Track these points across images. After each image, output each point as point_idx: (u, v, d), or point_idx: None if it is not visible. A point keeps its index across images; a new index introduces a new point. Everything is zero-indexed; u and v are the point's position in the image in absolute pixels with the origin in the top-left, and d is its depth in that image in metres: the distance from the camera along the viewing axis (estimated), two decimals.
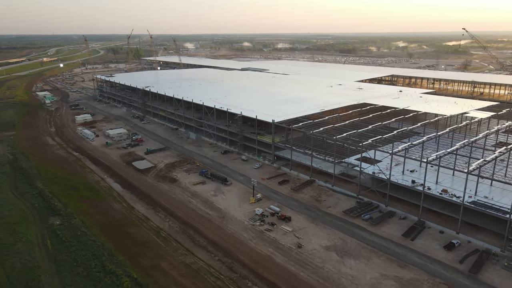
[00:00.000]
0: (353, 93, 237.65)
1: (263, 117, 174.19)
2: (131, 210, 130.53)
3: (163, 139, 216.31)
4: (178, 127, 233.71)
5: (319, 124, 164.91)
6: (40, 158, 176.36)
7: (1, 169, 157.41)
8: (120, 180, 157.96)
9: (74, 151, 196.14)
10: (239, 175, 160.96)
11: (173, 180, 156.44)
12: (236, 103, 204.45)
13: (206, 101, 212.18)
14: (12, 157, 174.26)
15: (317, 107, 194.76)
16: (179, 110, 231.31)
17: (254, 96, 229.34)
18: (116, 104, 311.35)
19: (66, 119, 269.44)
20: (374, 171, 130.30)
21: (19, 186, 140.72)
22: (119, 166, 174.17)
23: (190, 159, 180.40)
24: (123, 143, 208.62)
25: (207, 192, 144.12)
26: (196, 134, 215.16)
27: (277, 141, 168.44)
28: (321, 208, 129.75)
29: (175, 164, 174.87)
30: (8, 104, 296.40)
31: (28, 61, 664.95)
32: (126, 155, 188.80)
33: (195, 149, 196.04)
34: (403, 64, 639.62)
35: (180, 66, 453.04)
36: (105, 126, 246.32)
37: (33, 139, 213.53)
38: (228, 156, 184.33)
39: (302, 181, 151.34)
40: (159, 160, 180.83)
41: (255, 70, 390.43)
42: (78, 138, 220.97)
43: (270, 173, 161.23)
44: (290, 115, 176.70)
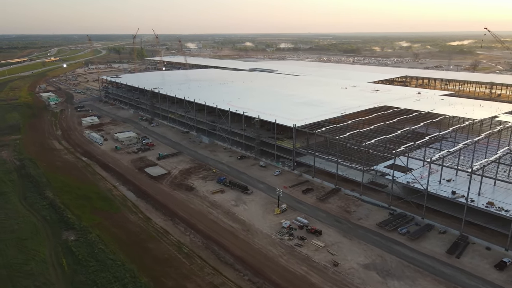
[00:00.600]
0: (370, 95, 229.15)
1: (282, 121, 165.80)
2: (148, 222, 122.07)
3: (175, 143, 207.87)
4: (189, 131, 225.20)
5: (343, 129, 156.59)
6: (48, 164, 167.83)
7: (8, 176, 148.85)
8: (133, 188, 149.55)
9: (82, 156, 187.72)
10: (259, 182, 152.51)
11: (190, 188, 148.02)
12: (251, 106, 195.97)
13: (219, 103, 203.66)
14: (19, 163, 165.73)
15: (337, 110, 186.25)
16: (190, 112, 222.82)
17: (269, 99, 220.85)
18: (123, 106, 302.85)
19: (72, 121, 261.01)
20: (409, 181, 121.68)
21: (28, 196, 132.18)
22: (131, 173, 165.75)
23: (205, 165, 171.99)
24: (133, 147, 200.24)
25: (227, 202, 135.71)
26: (209, 138, 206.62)
27: (297, 147, 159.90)
28: (351, 220, 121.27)
29: (190, 170, 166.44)
30: (12, 106, 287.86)
31: (30, 61, 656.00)
32: (137, 161, 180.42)
33: (209, 154, 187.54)
34: (410, 64, 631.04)
35: (185, 67, 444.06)
36: (113, 129, 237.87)
37: (40, 143, 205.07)
38: (245, 162, 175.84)
39: (327, 190, 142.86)
40: (172, 166, 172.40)
41: (263, 71, 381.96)
42: (86, 142, 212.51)
43: (292, 181, 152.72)
44: (310, 119, 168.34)
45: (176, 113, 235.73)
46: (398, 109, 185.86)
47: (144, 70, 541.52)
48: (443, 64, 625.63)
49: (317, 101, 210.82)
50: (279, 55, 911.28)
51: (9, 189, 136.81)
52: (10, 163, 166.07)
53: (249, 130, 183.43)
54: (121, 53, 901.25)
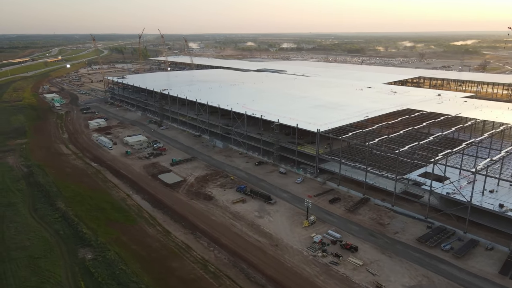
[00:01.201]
0: (389, 97, 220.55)
1: (304, 126, 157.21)
2: (168, 236, 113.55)
3: (187, 147, 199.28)
4: (201, 134, 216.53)
5: (369, 134, 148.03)
6: (57, 171, 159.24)
7: (16, 185, 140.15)
8: (148, 197, 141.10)
9: (92, 162, 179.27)
10: (281, 191, 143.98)
11: (209, 197, 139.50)
12: (266, 109, 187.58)
13: (233, 106, 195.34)
14: (27, 170, 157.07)
15: (358, 113, 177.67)
16: (201, 115, 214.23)
17: (284, 101, 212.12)
18: (130, 108, 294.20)
19: (79, 124, 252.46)
20: (449, 192, 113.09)
21: (39, 207, 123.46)
22: (144, 180, 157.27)
23: (222, 172, 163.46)
24: (144, 152, 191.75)
25: (250, 213, 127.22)
26: (223, 142, 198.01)
27: (320, 153, 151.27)
28: (387, 234, 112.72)
29: (206, 177, 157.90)
30: (16, 108, 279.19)
31: (32, 61, 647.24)
32: (149, 167, 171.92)
33: (224, 160, 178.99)
34: (417, 64, 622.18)
35: (191, 67, 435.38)
36: (122, 132, 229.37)
37: (47, 147, 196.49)
38: (263, 168, 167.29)
39: (355, 200, 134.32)
40: (187, 172, 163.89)
41: (272, 71, 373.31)
42: (94, 146, 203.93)
43: (316, 189, 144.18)
44: (333, 123, 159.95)
45: (187, 115, 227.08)
46: (423, 112, 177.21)
47: (148, 70, 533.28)
48: (451, 64, 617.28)
49: (335, 103, 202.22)
50: (283, 55, 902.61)
51: (17, 199, 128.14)
52: (17, 170, 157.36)
53: (267, 135, 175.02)
54: (125, 53, 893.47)
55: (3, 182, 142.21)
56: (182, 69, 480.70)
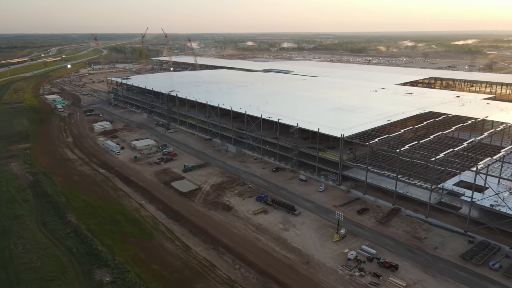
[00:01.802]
0: (407, 99, 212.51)
1: (326, 130, 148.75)
2: (188, 252, 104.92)
3: (198, 152, 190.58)
4: (211, 138, 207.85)
5: (396, 139, 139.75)
6: (64, 178, 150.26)
7: (22, 195, 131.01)
8: (162, 207, 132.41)
9: (99, 168, 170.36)
10: (303, 200, 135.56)
11: (227, 207, 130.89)
12: (282, 112, 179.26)
13: (245, 108, 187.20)
14: (33, 178, 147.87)
15: (379, 117, 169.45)
16: (212, 118, 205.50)
17: (299, 103, 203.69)
18: (135, 110, 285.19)
19: (83, 127, 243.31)
20: (492, 204, 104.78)
21: (48, 221, 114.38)
22: (156, 188, 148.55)
23: (239, 179, 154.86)
24: (154, 157, 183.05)
25: (274, 225, 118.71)
26: (236, 146, 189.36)
27: (344, 159, 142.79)
28: (426, 249, 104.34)
29: (222, 185, 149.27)
30: (17, 110, 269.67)
31: (31, 61, 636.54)
32: (161, 173, 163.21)
33: (239, 165, 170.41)
34: (422, 64, 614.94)
35: (195, 67, 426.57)
36: (128, 135, 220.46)
37: (51, 152, 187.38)
38: (282, 175, 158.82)
39: (384, 210, 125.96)
40: (202, 179, 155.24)
41: (279, 72, 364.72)
42: (100, 150, 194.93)
43: (341, 198, 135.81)
44: (355, 127, 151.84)
45: (197, 118, 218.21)
46: (447, 115, 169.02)
47: (150, 70, 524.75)
48: (456, 64, 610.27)
49: (353, 106, 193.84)
50: (284, 54, 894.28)
51: (24, 211, 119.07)
52: (22, 178, 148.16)
53: (283, 139, 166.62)
54: (122, 53, 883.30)
55: (8, 191, 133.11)
56: (185, 69, 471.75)
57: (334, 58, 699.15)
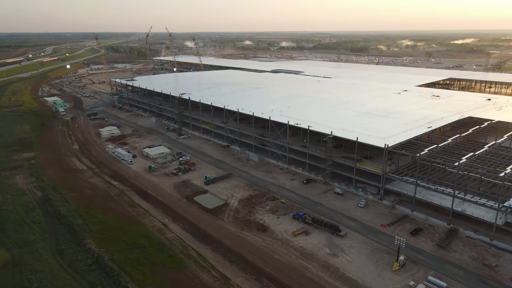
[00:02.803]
0: (436, 103, 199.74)
1: (365, 139, 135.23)
2: (228, 285, 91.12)
3: (217, 161, 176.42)
4: (229, 145, 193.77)
5: (447, 150, 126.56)
6: (76, 194, 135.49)
7: (32, 216, 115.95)
8: (188, 227, 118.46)
9: (112, 179, 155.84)
10: (345, 217, 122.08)
11: (262, 227, 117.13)
12: (309, 117, 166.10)
13: (267, 112, 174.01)
14: (41, 194, 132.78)
15: (417, 123, 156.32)
16: (229, 123, 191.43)
17: (323, 108, 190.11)
18: (142, 113, 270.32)
19: (88, 132, 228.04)
20: None
21: (65, 248, 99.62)
22: (178, 203, 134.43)
23: (268, 193, 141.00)
24: (170, 167, 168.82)
25: (319, 249, 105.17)
26: (258, 155, 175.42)
27: (387, 171, 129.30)
28: (502, 280, 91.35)
29: (251, 200, 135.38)
30: (17, 114, 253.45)
31: (27, 61, 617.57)
32: (180, 186, 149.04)
33: (265, 177, 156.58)
34: (427, 64, 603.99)
35: (199, 68, 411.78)
36: (138, 142, 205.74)
37: (58, 162, 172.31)
38: (314, 187, 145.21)
39: (439, 230, 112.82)
40: (227, 193, 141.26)
41: (288, 73, 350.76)
42: (110, 159, 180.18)
43: (387, 216, 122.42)
44: (396, 136, 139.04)
45: (212, 123, 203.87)
46: (491, 121, 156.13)
47: (151, 71, 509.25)
48: (462, 64, 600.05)
49: (383, 110, 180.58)
50: (285, 54, 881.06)
51: (36, 236, 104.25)
52: (29, 193, 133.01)
53: (313, 148, 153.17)
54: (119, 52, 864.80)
55: (16, 211, 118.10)
56: (188, 70, 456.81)
57: (340, 58, 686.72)
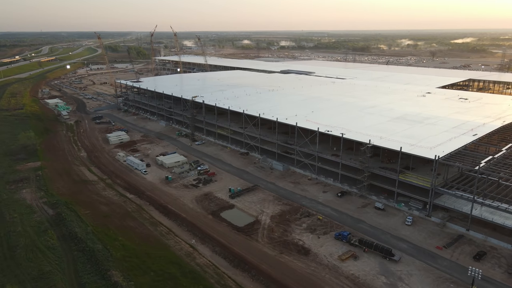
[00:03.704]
0: (468, 106, 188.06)
1: (409, 149, 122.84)
2: None
3: (238, 170, 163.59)
4: (248, 152, 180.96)
5: (503, 161, 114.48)
6: (91, 211, 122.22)
7: (45, 239, 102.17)
8: (220, 249, 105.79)
9: (127, 192, 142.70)
10: (393, 238, 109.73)
11: (303, 249, 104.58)
12: (337, 123, 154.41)
13: (291, 118, 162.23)
14: (53, 211, 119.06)
15: (459, 130, 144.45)
16: (249, 129, 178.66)
17: (351, 113, 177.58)
18: (149, 116, 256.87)
19: (95, 137, 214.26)
20: None
21: (87, 282, 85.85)
22: (204, 220, 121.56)
23: (301, 207, 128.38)
24: (189, 177, 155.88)
25: (373, 278, 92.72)
26: (282, 163, 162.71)
27: (436, 185, 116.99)
28: None
29: (285, 216, 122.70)
30: (18, 118, 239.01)
31: (24, 61, 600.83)
32: (203, 199, 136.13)
33: (294, 188, 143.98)
34: (433, 63, 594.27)
35: (205, 68, 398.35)
36: (150, 149, 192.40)
37: (66, 172, 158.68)
38: (350, 201, 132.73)
39: (503, 253, 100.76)
40: (256, 208, 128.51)
41: (299, 73, 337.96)
42: (122, 168, 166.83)
43: (440, 236, 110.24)
44: (441, 145, 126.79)
45: (230, 129, 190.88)
46: None
47: (152, 71, 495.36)
48: (469, 64, 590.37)
49: (415, 115, 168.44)
50: (286, 53, 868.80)
51: (52, 265, 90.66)
52: (39, 211, 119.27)
53: (346, 157, 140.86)
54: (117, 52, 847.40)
55: (25, 234, 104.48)
56: (191, 70, 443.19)
57: (347, 58, 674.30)
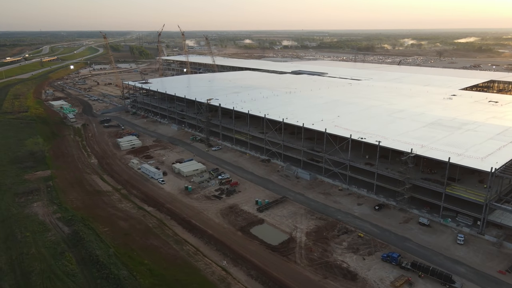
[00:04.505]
0: (503, 110, 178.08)
1: (457, 159, 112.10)
2: None
3: (261, 179, 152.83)
4: (270, 158, 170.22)
5: None
6: (110, 228, 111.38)
7: (62, 264, 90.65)
8: (256, 272, 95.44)
9: (145, 204, 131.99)
10: (448, 260, 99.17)
11: (349, 273, 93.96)
12: (368, 129, 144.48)
13: (317, 123, 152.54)
14: (69, 229, 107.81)
15: (503, 137, 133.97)
16: (271, 134, 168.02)
17: (380, 117, 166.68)
18: (159, 119, 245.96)
19: (105, 142, 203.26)
20: None
21: None
22: (233, 238, 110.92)
23: (337, 222, 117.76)
24: (210, 187, 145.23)
25: None
26: (309, 172, 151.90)
27: (491, 199, 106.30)
28: None
29: (321, 233, 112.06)
30: (24, 121, 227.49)
31: (25, 61, 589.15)
32: (229, 213, 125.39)
33: (325, 200, 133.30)
34: (443, 63, 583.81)
35: (213, 69, 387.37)
36: (165, 155, 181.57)
37: (78, 182, 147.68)
38: (389, 215, 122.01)
39: None
40: (288, 223, 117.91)
41: (312, 74, 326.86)
42: (137, 177, 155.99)
43: (499, 257, 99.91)
44: (489, 154, 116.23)
45: (249, 133, 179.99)
46: None
47: (157, 71, 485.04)
48: (479, 64, 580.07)
49: (450, 120, 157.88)
50: (290, 53, 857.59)
51: None
52: (54, 229, 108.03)
53: (381, 166, 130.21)
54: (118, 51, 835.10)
55: (40, 256, 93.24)
56: (197, 70, 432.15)
57: (356, 58, 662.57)
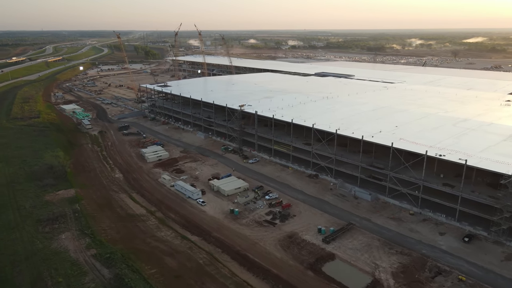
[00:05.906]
0: None
1: None
2: None
3: (314, 199, 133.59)
4: (318, 174, 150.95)
5: None
6: (157, 269, 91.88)
7: None
8: None
9: (187, 232, 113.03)
10: None
11: None
12: (437, 143, 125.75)
13: (376, 135, 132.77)
14: (109, 272, 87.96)
15: None
16: (318, 146, 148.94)
17: (445, 128, 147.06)
18: (181, 126, 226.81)
19: (127, 153, 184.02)
20: None
21: None
22: (303, 278, 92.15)
23: (424, 259, 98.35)
24: (258, 210, 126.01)
25: None
26: (369, 191, 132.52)
27: None
28: None
29: (411, 274, 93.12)
30: (36, 129, 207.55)
31: (30, 61, 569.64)
32: (289, 244, 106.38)
33: (398, 228, 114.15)
34: (460, 64, 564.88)
35: (230, 70, 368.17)
36: (197, 169, 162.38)
37: (107, 203, 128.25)
38: (485, 249, 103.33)
39: None
40: (364, 259, 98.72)
41: (338, 76, 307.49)
42: (171, 196, 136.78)
43: None
44: None
45: (292, 145, 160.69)
46: None
47: (167, 72, 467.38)
48: (500, 64, 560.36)
49: None
50: (300, 53, 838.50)
51: None
52: (90, 271, 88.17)
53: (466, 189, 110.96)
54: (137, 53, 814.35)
55: None
56: (210, 71, 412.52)
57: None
